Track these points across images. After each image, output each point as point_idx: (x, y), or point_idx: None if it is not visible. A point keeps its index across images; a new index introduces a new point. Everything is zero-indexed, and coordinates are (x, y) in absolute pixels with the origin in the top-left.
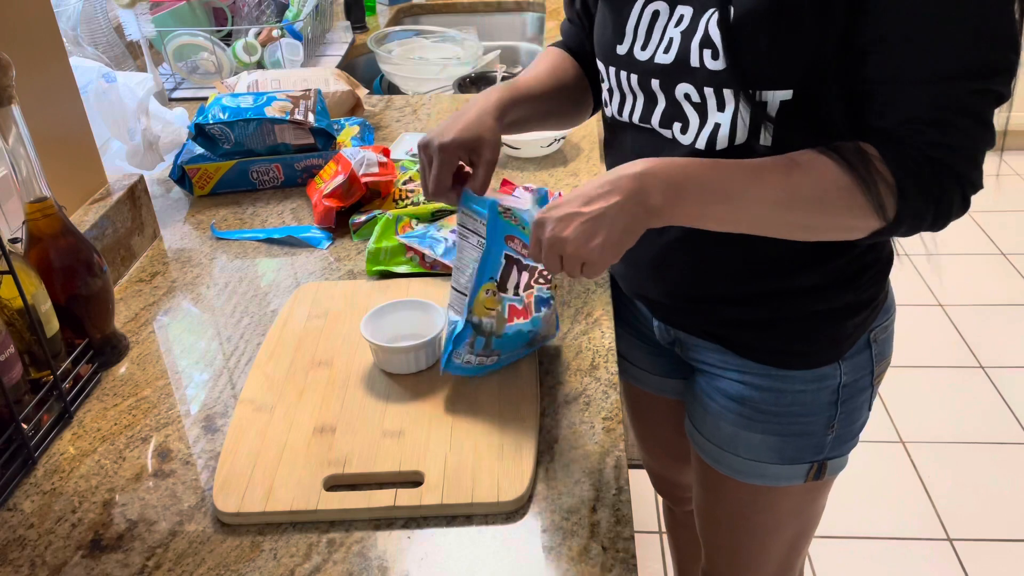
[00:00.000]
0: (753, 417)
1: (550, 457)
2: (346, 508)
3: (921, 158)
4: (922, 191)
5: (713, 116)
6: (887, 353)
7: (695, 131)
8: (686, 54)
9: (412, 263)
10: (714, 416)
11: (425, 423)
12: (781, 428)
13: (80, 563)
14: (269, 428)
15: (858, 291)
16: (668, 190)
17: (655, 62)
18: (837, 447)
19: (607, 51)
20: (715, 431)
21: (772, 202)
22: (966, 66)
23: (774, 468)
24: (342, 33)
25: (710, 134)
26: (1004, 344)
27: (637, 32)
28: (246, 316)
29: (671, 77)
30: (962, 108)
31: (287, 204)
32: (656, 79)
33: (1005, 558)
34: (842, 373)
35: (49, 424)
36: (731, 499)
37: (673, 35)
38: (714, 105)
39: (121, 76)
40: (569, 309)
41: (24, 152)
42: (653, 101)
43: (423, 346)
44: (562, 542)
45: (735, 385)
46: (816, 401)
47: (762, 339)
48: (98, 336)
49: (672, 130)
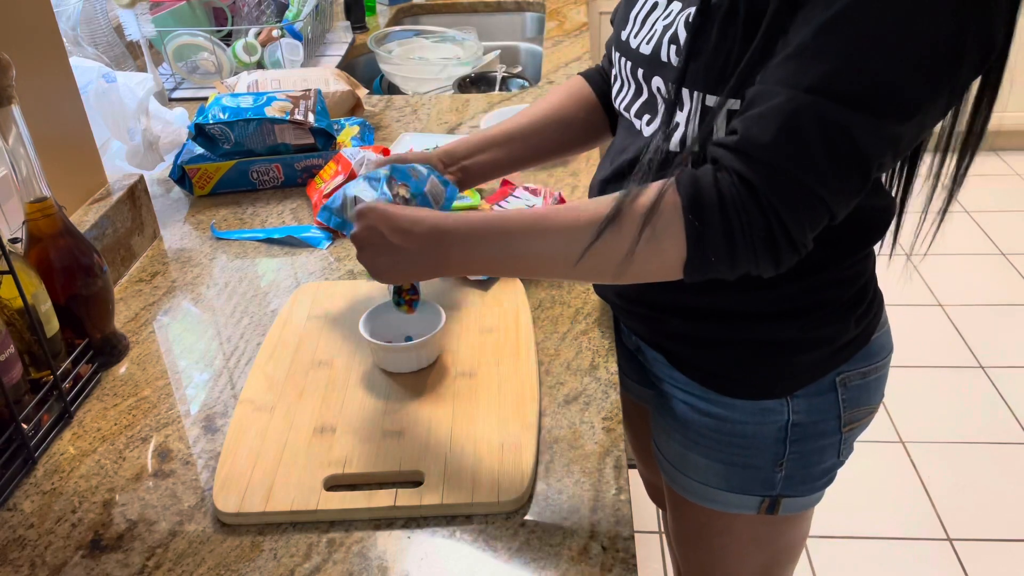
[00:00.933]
0: (697, 441)
1: (550, 457)
2: (346, 508)
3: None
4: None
5: (676, 115)
6: (867, 402)
7: (656, 125)
8: (659, 48)
9: None
10: (666, 433)
11: (425, 423)
12: (724, 456)
13: (80, 563)
14: (269, 428)
15: (808, 328)
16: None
17: (640, 52)
18: (792, 487)
19: (616, 35)
20: (667, 448)
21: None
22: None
23: (722, 495)
24: (342, 33)
25: (667, 132)
26: (1004, 344)
27: (636, 19)
28: (246, 316)
29: (649, 69)
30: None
31: (287, 204)
32: (641, 68)
33: (1005, 558)
34: (791, 411)
35: (49, 424)
36: (689, 518)
37: (657, 28)
38: (676, 102)
39: (121, 76)
40: (569, 309)
41: (24, 152)
42: (639, 91)
43: (422, 345)
44: (562, 542)
45: (680, 405)
46: (759, 434)
47: (705, 359)
48: (98, 336)
49: (641, 121)
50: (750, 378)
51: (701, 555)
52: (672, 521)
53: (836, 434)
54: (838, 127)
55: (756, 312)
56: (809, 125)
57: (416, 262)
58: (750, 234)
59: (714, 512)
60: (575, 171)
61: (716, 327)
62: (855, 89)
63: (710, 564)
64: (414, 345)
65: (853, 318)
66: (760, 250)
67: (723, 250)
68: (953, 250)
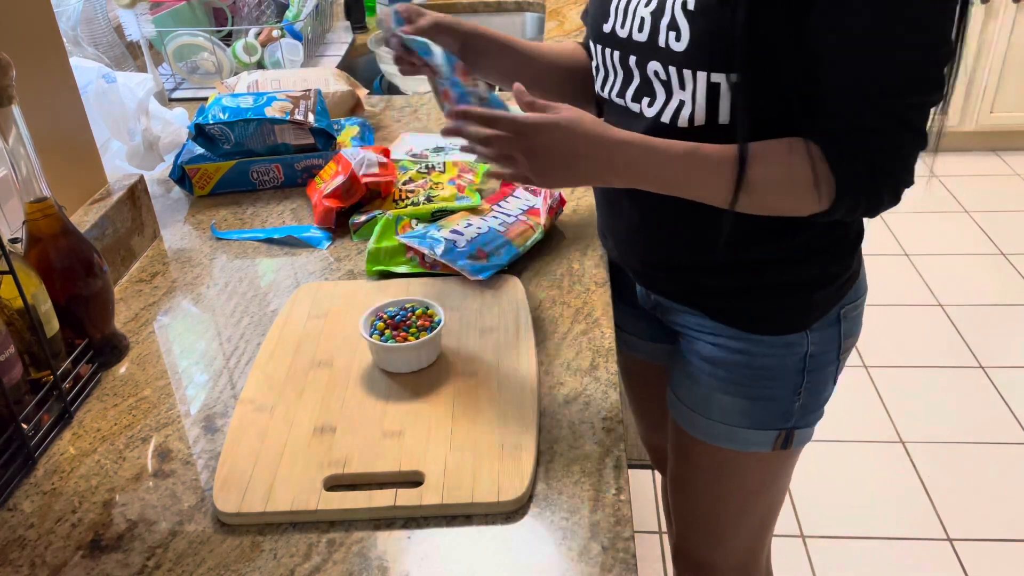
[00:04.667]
0: (726, 379)
1: (550, 457)
2: (346, 508)
3: (861, 161)
4: (857, 189)
5: (677, 94)
6: (855, 332)
7: (660, 106)
8: (655, 34)
9: (412, 263)
10: (691, 378)
11: (425, 423)
12: (751, 391)
13: (80, 563)
14: (269, 428)
15: (824, 265)
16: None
17: (633, 40)
18: (803, 417)
19: (595, 29)
20: (690, 393)
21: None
22: (910, 83)
23: (744, 432)
24: (342, 33)
25: (674, 110)
26: (1004, 344)
27: (618, 10)
28: (246, 316)
29: (644, 55)
30: (903, 121)
31: (287, 204)
32: (634, 55)
33: (1005, 558)
34: (810, 343)
35: (49, 424)
36: (703, 465)
37: (644, 15)
38: (677, 83)
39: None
40: (569, 309)
41: (24, 152)
42: (630, 77)
43: (422, 345)
44: (562, 542)
45: (708, 347)
46: (784, 367)
47: (734, 305)
48: (98, 336)
49: (640, 104)
50: (778, 316)
51: (710, 503)
52: (681, 471)
53: (835, 363)
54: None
55: (787, 257)
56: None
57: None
58: (879, 198)
59: (729, 454)
60: None
61: (748, 275)
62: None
63: (718, 513)
64: (414, 345)
65: (855, 254)
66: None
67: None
68: (953, 250)
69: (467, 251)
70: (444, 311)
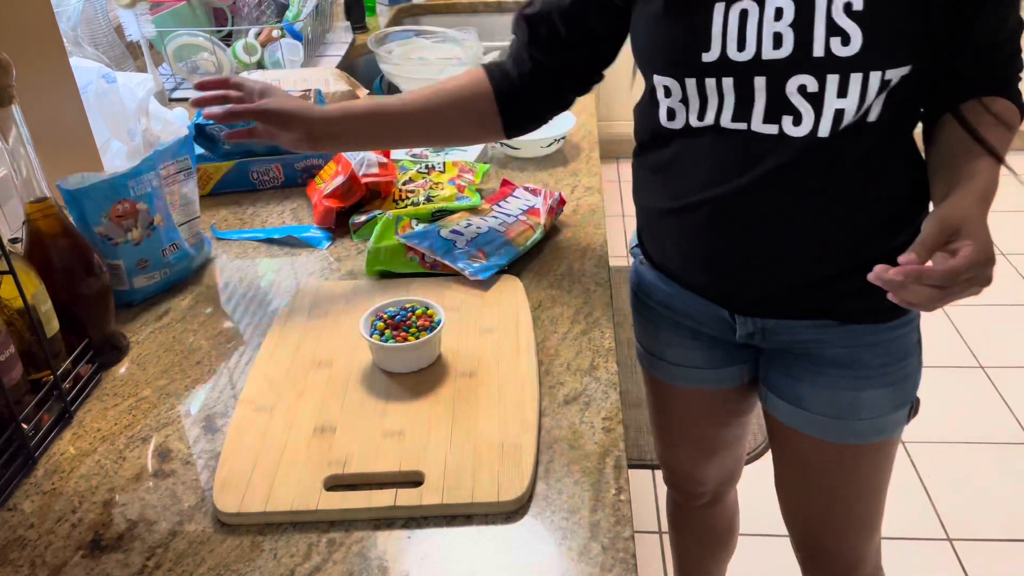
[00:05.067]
0: (869, 376)
1: (550, 457)
2: (346, 508)
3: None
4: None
5: (833, 103)
6: None
7: (812, 122)
8: (807, 45)
9: (412, 263)
10: (827, 389)
11: (425, 423)
12: (893, 377)
13: (80, 563)
14: (269, 428)
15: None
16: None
17: (762, 60)
18: (918, 384)
19: (685, 62)
20: (831, 404)
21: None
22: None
23: (891, 418)
24: (342, 33)
25: (832, 121)
26: (1004, 344)
27: (727, 35)
28: (246, 316)
29: (782, 72)
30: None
31: (287, 204)
32: (762, 76)
33: (1005, 558)
34: (917, 315)
35: (49, 424)
36: (860, 466)
37: (780, 30)
38: (835, 91)
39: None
40: (569, 309)
41: (24, 152)
42: (749, 100)
43: (422, 345)
44: (562, 542)
45: (842, 352)
46: (909, 342)
47: (869, 303)
48: (98, 336)
49: (780, 124)
50: None
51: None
52: (826, 480)
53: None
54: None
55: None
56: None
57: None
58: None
59: (877, 446)
60: (575, 171)
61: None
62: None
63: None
64: (413, 345)
65: None
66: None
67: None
68: None
69: (467, 251)
70: (444, 311)
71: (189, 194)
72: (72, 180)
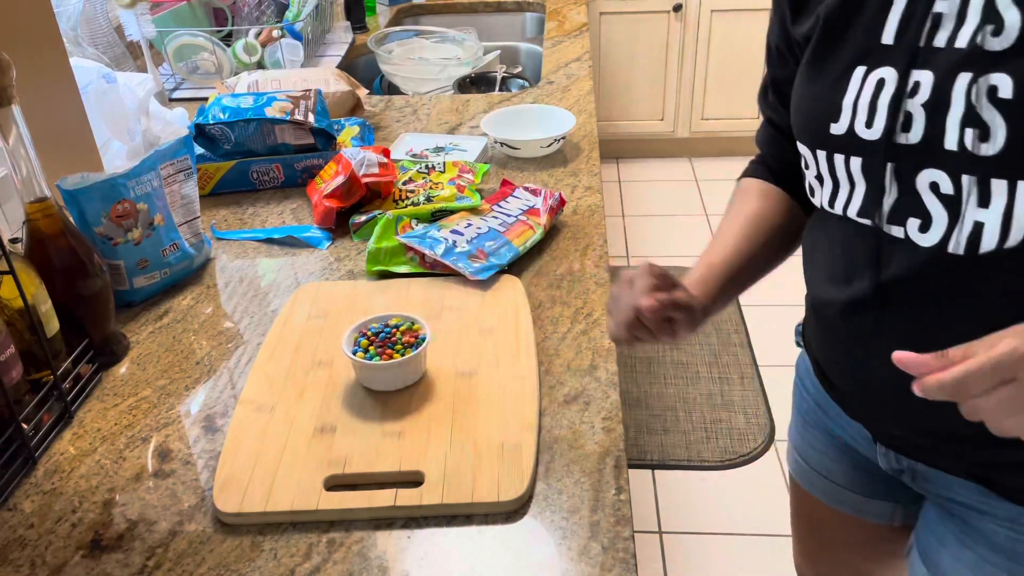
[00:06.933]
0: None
1: (550, 457)
2: (346, 508)
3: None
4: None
5: (972, 213)
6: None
7: (942, 231)
8: (938, 133)
9: (412, 263)
10: (972, 571)
11: (425, 423)
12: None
13: (80, 563)
14: (269, 428)
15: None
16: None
17: (894, 142)
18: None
19: (815, 132)
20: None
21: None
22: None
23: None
24: (342, 33)
25: (969, 237)
26: None
27: (857, 106)
28: (246, 316)
29: (912, 161)
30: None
31: (287, 204)
32: (892, 163)
33: None
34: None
35: (49, 424)
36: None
37: (912, 109)
38: (976, 199)
39: (121, 76)
40: (569, 309)
41: (24, 152)
42: (879, 190)
43: (404, 363)
44: (562, 542)
45: (1002, 533)
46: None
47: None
48: (98, 336)
49: (905, 227)
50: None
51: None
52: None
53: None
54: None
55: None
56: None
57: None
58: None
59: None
60: (575, 171)
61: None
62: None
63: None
64: (395, 363)
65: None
66: None
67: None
68: None
69: (467, 251)
70: (444, 312)
71: (189, 194)
72: (72, 180)
